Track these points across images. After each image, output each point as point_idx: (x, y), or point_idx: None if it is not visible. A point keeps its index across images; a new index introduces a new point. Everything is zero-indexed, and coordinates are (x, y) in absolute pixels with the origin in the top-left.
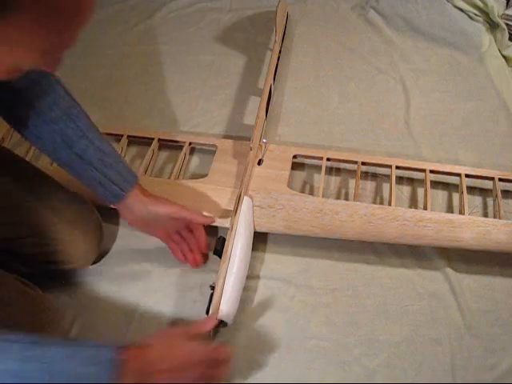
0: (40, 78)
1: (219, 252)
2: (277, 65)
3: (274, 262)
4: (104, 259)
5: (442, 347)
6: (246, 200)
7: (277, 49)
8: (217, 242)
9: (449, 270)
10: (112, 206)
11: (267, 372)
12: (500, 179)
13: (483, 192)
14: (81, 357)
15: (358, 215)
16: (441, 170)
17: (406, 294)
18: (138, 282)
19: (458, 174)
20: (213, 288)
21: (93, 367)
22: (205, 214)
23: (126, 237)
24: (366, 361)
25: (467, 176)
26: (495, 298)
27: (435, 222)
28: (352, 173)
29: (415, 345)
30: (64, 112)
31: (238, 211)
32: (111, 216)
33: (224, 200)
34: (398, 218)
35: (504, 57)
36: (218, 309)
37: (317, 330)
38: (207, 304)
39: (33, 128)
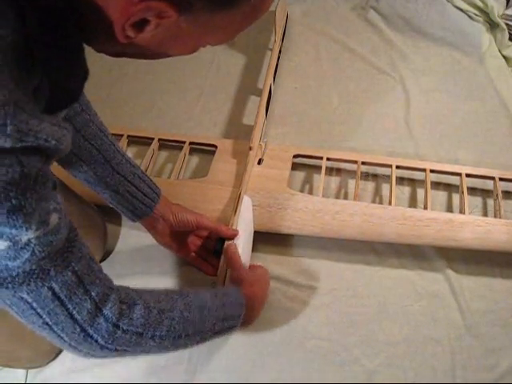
0: (81, 97)
1: (218, 252)
2: (277, 65)
3: (274, 261)
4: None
5: (442, 347)
6: (245, 199)
7: (276, 49)
8: (216, 242)
9: (449, 271)
10: (140, 223)
11: (267, 372)
12: (500, 179)
13: (483, 192)
14: (219, 296)
15: (358, 215)
16: (441, 169)
17: (406, 294)
18: (138, 281)
19: (459, 174)
20: (214, 287)
21: (229, 304)
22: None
23: (126, 237)
24: (365, 361)
25: (468, 176)
26: (495, 298)
27: (435, 222)
28: (352, 173)
29: (415, 345)
30: (98, 128)
31: (237, 211)
32: (113, 216)
33: (224, 199)
34: (397, 218)
35: (504, 57)
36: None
37: (317, 330)
38: None
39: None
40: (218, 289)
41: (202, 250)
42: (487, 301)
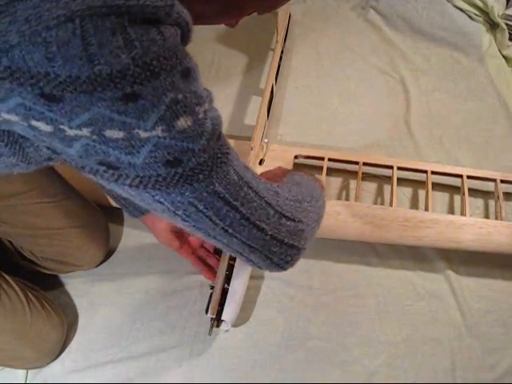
0: None
1: (219, 251)
2: (279, 65)
3: None
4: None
5: (442, 347)
6: None
7: (278, 49)
8: None
9: (449, 271)
10: (141, 220)
11: (267, 372)
12: (502, 181)
13: (485, 194)
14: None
15: (359, 216)
16: (442, 171)
17: (406, 294)
18: (140, 281)
19: (460, 176)
20: (212, 288)
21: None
22: None
23: (128, 237)
24: (365, 361)
25: (469, 177)
26: (495, 298)
27: (436, 223)
28: (353, 174)
29: (415, 345)
30: None
31: None
32: (115, 216)
33: None
34: (399, 219)
35: (504, 57)
36: (216, 308)
37: (317, 330)
38: (207, 304)
39: None
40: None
41: (203, 250)
42: (487, 301)
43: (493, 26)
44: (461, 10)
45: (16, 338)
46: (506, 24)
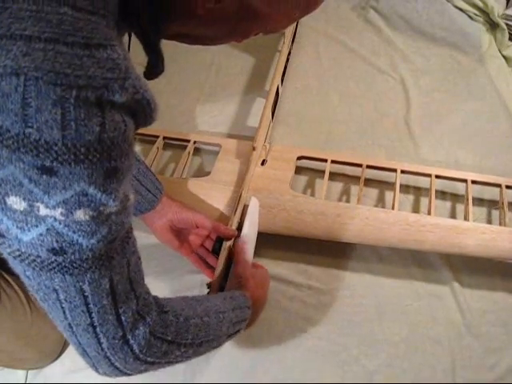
0: None
1: (217, 250)
2: (285, 66)
3: (273, 262)
4: None
5: (442, 347)
6: (253, 201)
7: (285, 50)
8: (215, 240)
9: (449, 270)
10: (141, 218)
11: (267, 372)
12: (507, 186)
13: (488, 202)
14: (228, 299)
15: (360, 218)
16: (447, 175)
17: (405, 293)
18: None
19: (465, 180)
20: (209, 287)
21: (238, 308)
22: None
23: None
24: (365, 361)
25: (473, 182)
26: (495, 298)
27: (439, 228)
28: (355, 179)
29: (415, 345)
30: None
31: (237, 210)
32: None
33: (225, 199)
34: (400, 223)
35: (504, 57)
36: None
37: (316, 330)
38: None
39: None
40: (225, 293)
41: (202, 250)
42: (487, 301)
43: (493, 26)
44: (461, 10)
45: (17, 338)
46: (506, 24)
